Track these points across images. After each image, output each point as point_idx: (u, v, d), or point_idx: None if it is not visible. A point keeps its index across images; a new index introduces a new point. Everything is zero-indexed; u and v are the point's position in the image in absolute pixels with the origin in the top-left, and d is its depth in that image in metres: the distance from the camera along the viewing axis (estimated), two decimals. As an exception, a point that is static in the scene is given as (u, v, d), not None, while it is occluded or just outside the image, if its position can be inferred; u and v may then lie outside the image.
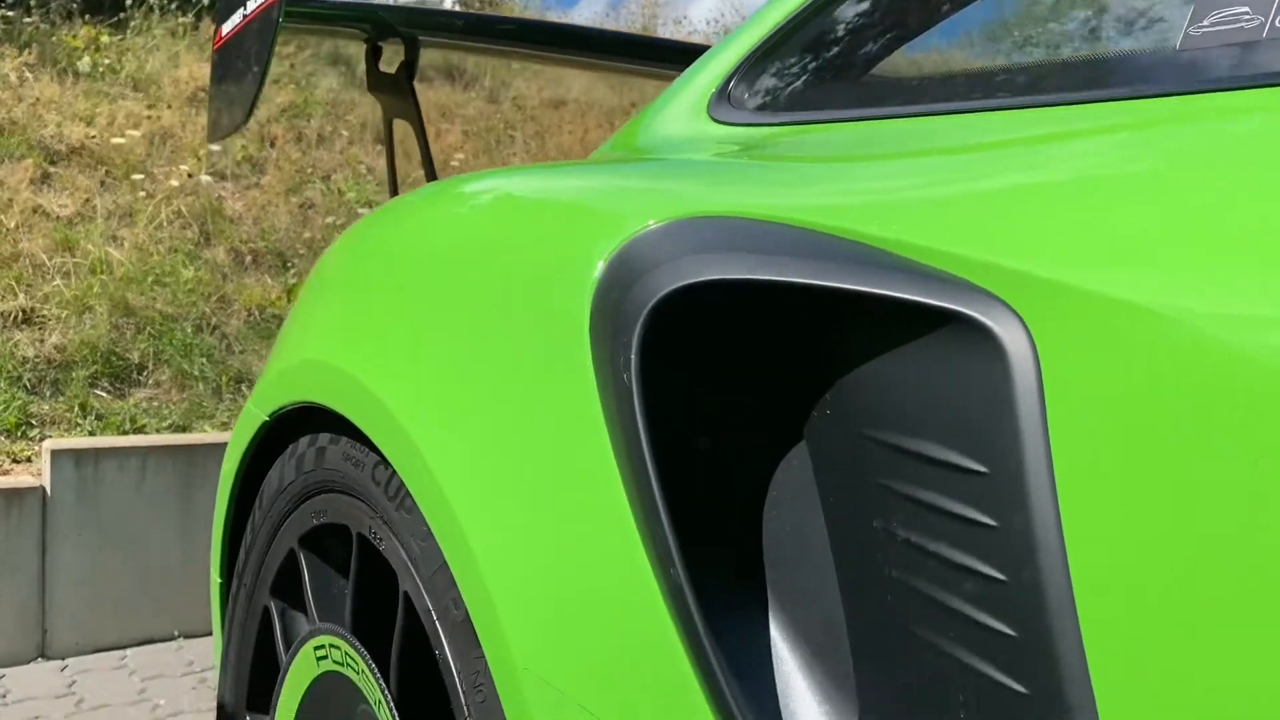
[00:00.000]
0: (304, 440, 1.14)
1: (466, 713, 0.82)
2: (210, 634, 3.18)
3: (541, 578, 0.72)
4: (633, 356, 0.67)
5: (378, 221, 1.16)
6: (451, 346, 0.87)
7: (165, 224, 4.55)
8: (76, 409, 3.54)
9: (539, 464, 0.74)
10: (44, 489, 2.89)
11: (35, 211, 4.38)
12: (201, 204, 4.70)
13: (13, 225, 4.24)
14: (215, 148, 4.95)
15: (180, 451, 3.10)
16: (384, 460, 0.97)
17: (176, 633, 3.10)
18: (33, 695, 2.68)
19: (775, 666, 0.67)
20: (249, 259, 4.65)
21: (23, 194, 4.38)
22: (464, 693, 0.82)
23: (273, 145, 5.43)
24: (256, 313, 4.30)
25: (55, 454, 2.91)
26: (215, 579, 1.41)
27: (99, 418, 3.54)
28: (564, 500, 0.71)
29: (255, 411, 1.20)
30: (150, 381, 3.81)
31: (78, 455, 2.94)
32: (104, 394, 3.66)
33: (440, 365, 0.88)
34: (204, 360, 3.93)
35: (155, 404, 3.70)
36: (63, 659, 2.93)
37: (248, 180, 5.13)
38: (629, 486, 0.66)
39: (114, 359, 3.78)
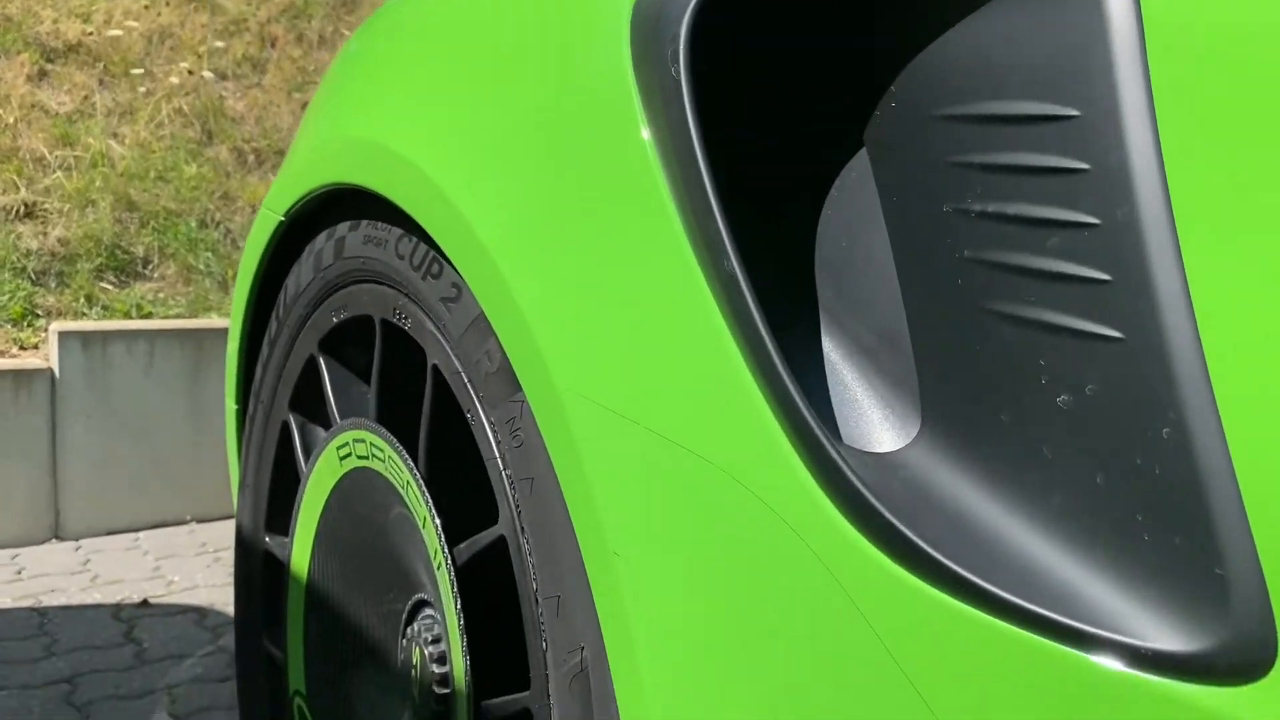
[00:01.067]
0: (320, 237, 1.10)
1: (503, 464, 0.79)
2: (223, 518, 3.18)
3: (585, 291, 0.68)
4: (680, 47, 0.63)
5: None
6: (479, 90, 0.82)
7: (166, 122, 4.46)
8: (82, 300, 3.50)
9: (582, 185, 0.70)
10: (52, 371, 2.86)
11: (33, 108, 4.29)
12: (202, 103, 4.61)
13: (11, 121, 4.16)
14: (219, 44, 4.84)
15: (188, 336, 3.07)
16: (407, 233, 0.93)
17: (189, 516, 3.09)
18: (47, 572, 2.68)
19: (830, 375, 0.63)
20: (251, 158, 4.57)
21: (20, 89, 4.29)
22: (499, 444, 0.79)
23: (273, 46, 5.31)
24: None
25: (62, 336, 2.87)
26: (231, 406, 1.38)
27: (105, 309, 3.50)
28: (607, 210, 0.67)
29: (270, 214, 1.16)
30: (155, 275, 3.77)
31: (85, 338, 2.90)
32: (109, 286, 3.61)
33: (469, 113, 0.83)
34: (209, 255, 3.88)
35: (161, 296, 3.66)
36: (76, 540, 2.92)
37: (249, 80, 5.02)
38: (677, 185, 0.62)
39: (118, 252, 3.73)
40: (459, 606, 0.86)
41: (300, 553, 1.17)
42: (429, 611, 1.05)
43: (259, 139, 4.66)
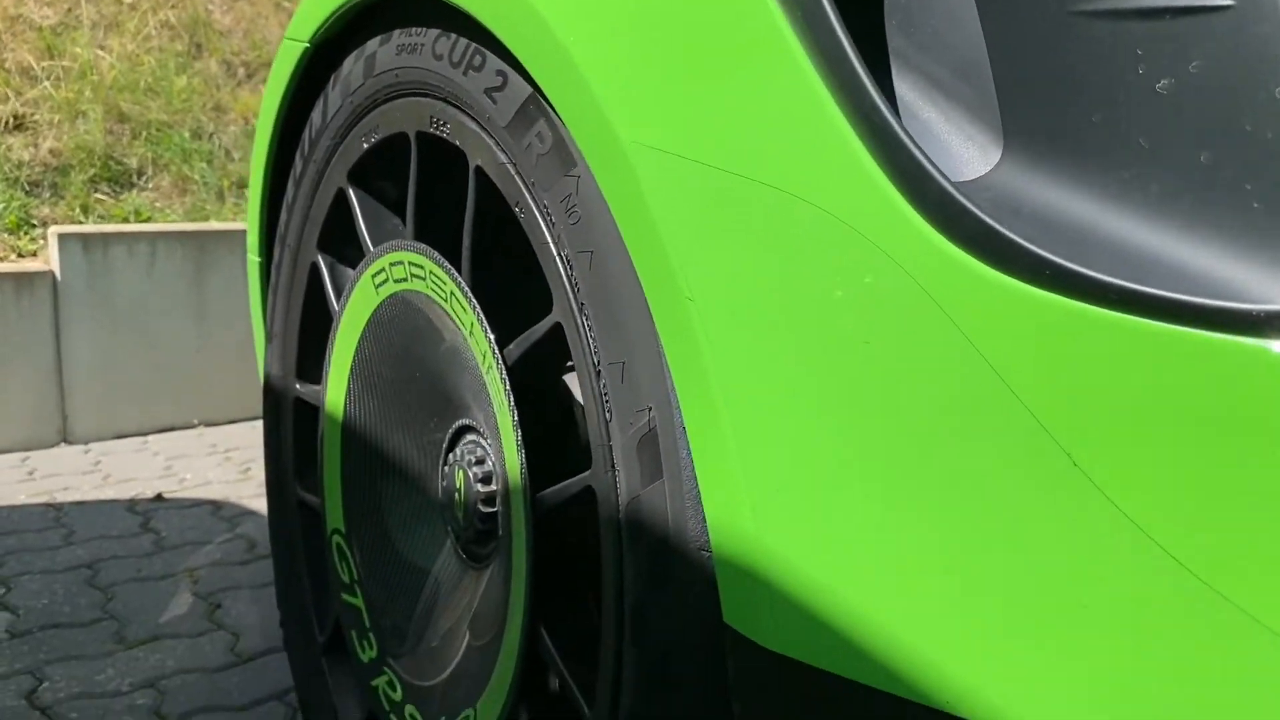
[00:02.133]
0: (348, 60, 1.07)
1: (558, 247, 0.77)
2: (230, 422, 3.17)
3: (648, 37, 0.66)
4: None
5: None
6: None
7: (153, 34, 4.36)
8: (78, 210, 3.45)
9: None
10: (53, 274, 2.83)
11: (17, 20, 4.19)
12: (189, 15, 4.51)
13: (-5, 33, 4.07)
14: (199, -45, 4.73)
15: (190, 239, 3.03)
16: (444, 32, 0.90)
17: (196, 420, 3.09)
18: (59, 472, 2.67)
19: (905, 113, 0.62)
20: (241, 71, 4.49)
21: (2, 2, 4.19)
22: (552, 226, 0.77)
23: (258, -42, 5.19)
24: (253, 121, 4.17)
25: (62, 239, 2.84)
26: (254, 260, 1.36)
27: (101, 219, 3.46)
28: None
29: (293, 44, 1.13)
30: (150, 186, 3.71)
31: (85, 240, 2.86)
32: (104, 197, 3.56)
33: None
34: (204, 165, 3.82)
35: (158, 206, 3.61)
36: (85, 443, 2.91)
37: (235, -7, 4.91)
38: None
39: (111, 163, 3.67)
40: (512, 402, 0.85)
41: (336, 393, 1.16)
42: (471, 437, 1.04)
43: (248, 51, 4.57)
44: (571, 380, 0.96)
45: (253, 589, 1.96)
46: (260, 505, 2.42)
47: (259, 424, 3.12)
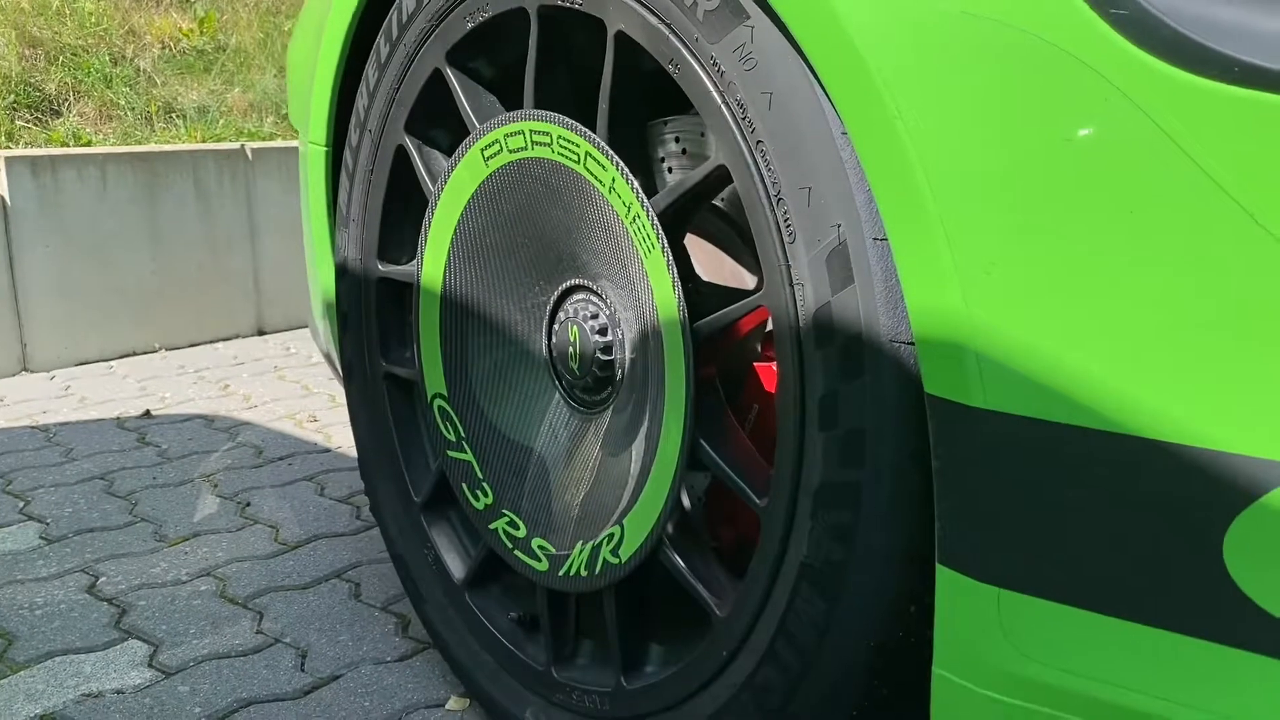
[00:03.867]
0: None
1: (725, 96, 0.86)
2: (192, 345, 3.14)
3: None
4: None
5: None
6: None
7: (53, -44, 4.16)
8: (2, 137, 3.32)
9: None
10: (3, 198, 2.74)
11: (-97, -58, 3.95)
12: (88, -64, 4.30)
13: (-116, -45, 3.82)
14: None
15: (140, 160, 2.96)
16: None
17: (158, 345, 3.05)
18: (31, 398, 2.63)
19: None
20: (149, -6, 4.32)
21: (-112, -78, 3.93)
22: (720, 75, 0.86)
23: (150, -123, 4.95)
24: (171, 45, 4.03)
25: (10, 162, 2.75)
26: (319, 149, 1.40)
27: (29, 146, 3.34)
28: None
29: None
30: (74, 113, 3.58)
31: (34, 163, 2.78)
32: (28, 125, 3.43)
33: None
34: (128, 90, 3.70)
35: (87, 133, 3.49)
36: (47, 371, 2.86)
37: (131, -87, 4.69)
38: None
39: (30, 90, 3.53)
40: (666, 244, 0.95)
41: (433, 267, 1.23)
42: (580, 295, 1.13)
43: (154, -26, 4.40)
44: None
45: (275, 487, 2.01)
46: (253, 417, 2.44)
47: (222, 346, 3.10)
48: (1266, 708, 0.67)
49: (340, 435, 2.28)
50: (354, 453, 2.17)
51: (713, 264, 1.13)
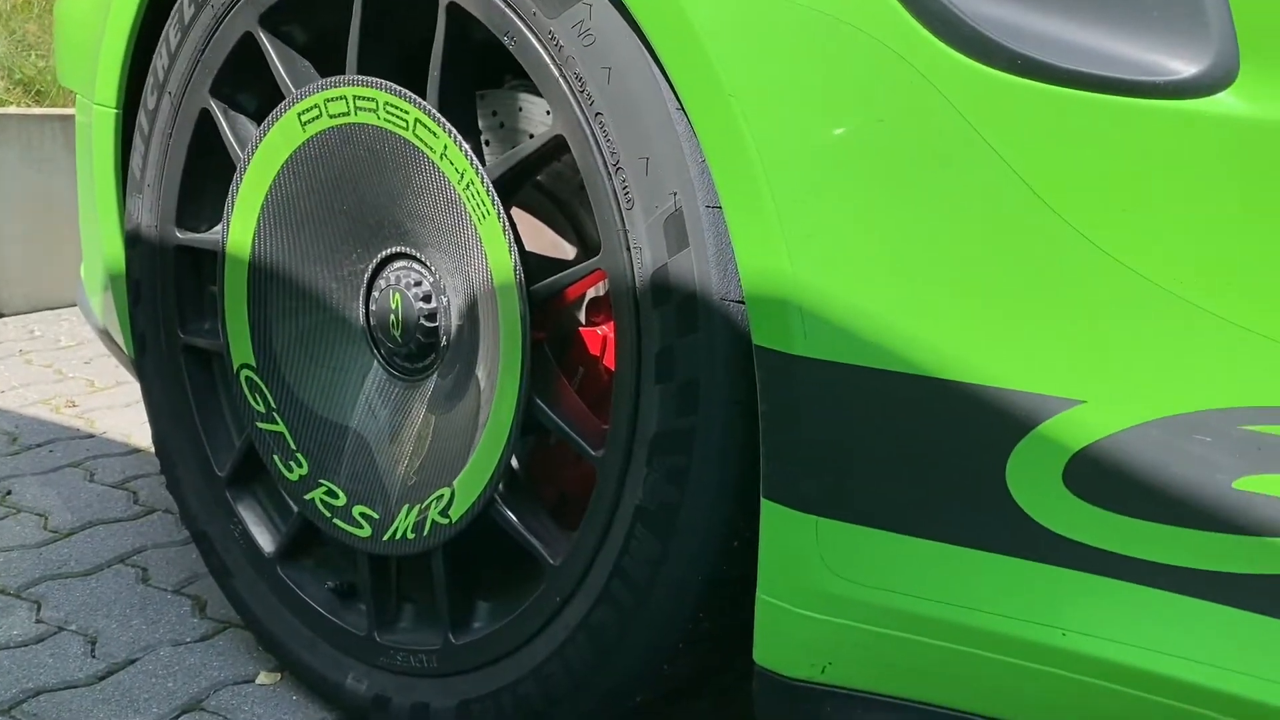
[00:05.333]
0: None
1: (562, 70, 0.90)
2: (14, 314, 2.83)
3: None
4: None
5: None
6: None
7: None
8: None
9: None
10: None
11: None
12: None
13: None
14: None
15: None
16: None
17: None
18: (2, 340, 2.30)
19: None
20: None
21: None
22: (557, 50, 0.90)
23: None
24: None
25: None
26: (107, 112, 1.32)
27: None
28: None
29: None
30: None
31: None
32: None
33: None
34: None
35: None
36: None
37: None
38: None
39: None
40: (502, 210, 0.98)
41: (240, 235, 1.19)
42: (401, 263, 1.14)
43: None
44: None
45: (37, 475, 1.87)
46: (4, 403, 2.24)
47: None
48: (1042, 605, 0.79)
49: (105, 420, 2.14)
50: (123, 438, 2.05)
51: (531, 235, 1.17)
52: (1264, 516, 0.72)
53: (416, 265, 1.12)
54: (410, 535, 1.11)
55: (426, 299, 1.11)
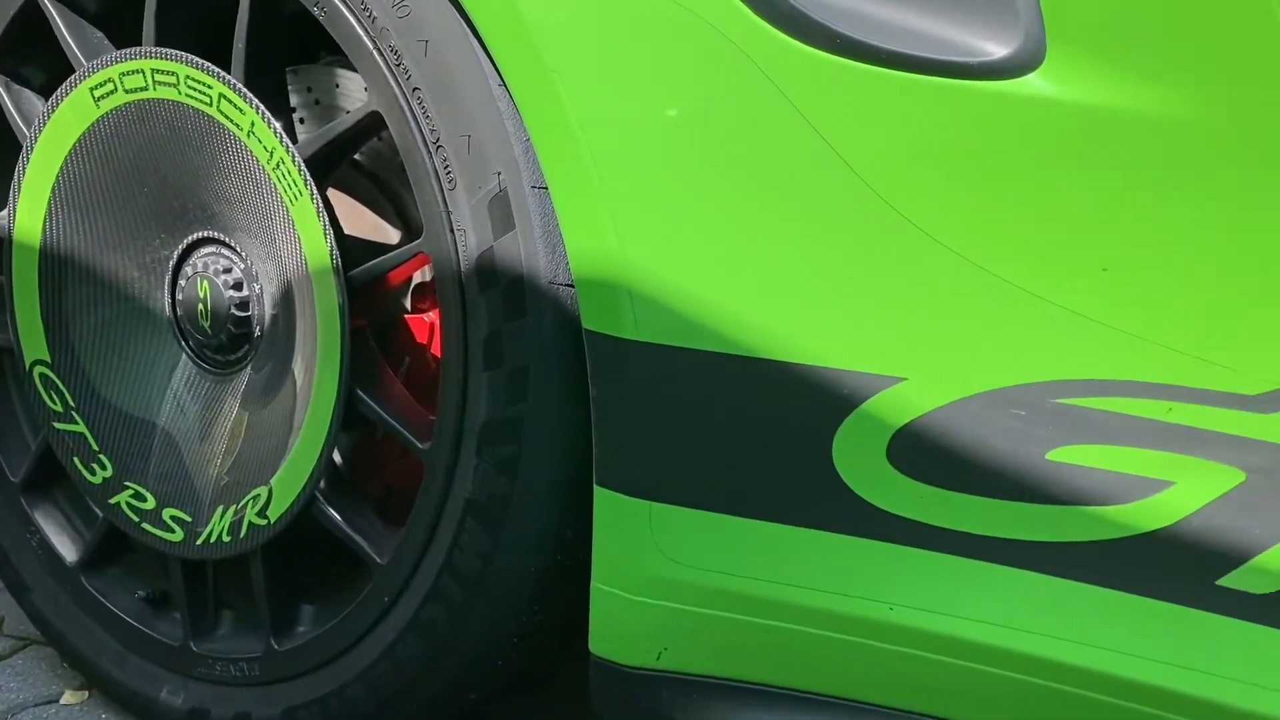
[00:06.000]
0: None
1: (378, 42, 0.86)
2: None
3: None
4: None
5: None
6: None
7: None
8: None
9: None
10: None
11: None
12: None
13: None
14: None
15: None
16: None
17: None
18: None
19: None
20: None
21: None
22: (371, 22, 0.85)
23: None
24: None
25: None
26: None
27: None
28: None
29: None
30: None
31: None
32: None
33: None
34: None
35: None
36: None
37: None
38: None
39: None
40: (315, 190, 0.92)
41: (29, 219, 1.10)
42: (210, 249, 1.07)
43: None
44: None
45: None
46: None
47: None
48: (870, 581, 0.79)
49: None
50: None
51: (352, 218, 1.12)
52: (1076, 486, 0.75)
53: (226, 251, 1.05)
54: (226, 538, 1.04)
55: (237, 287, 1.04)
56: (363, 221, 1.13)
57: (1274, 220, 0.67)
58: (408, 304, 1.08)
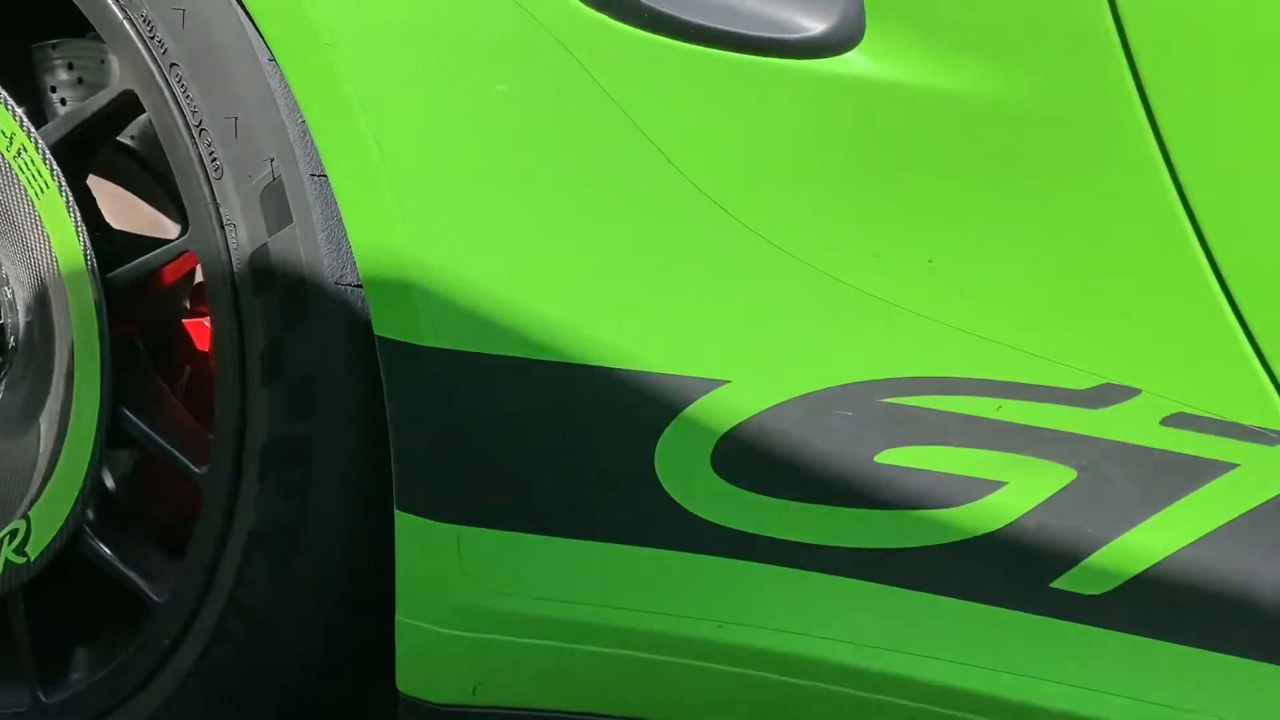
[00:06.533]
0: None
1: (126, 9, 0.75)
2: None
3: None
4: None
5: None
6: None
7: None
8: None
9: None
10: None
11: None
12: None
13: None
14: None
15: None
16: None
17: None
18: None
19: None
20: None
21: None
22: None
23: None
24: None
25: None
26: None
27: None
28: None
29: None
30: None
31: None
32: None
33: None
34: None
35: None
36: None
37: None
38: None
39: None
40: (64, 183, 0.80)
41: None
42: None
43: None
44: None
45: None
46: None
47: None
48: (697, 598, 0.74)
49: None
50: None
51: (123, 211, 1.00)
52: (906, 489, 0.70)
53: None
54: (-21, 580, 0.91)
55: (-14, 297, 0.91)
56: (137, 215, 1.01)
57: (1102, 208, 0.64)
58: (189, 305, 0.97)
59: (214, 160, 0.74)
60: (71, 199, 0.81)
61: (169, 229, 1.00)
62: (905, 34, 0.66)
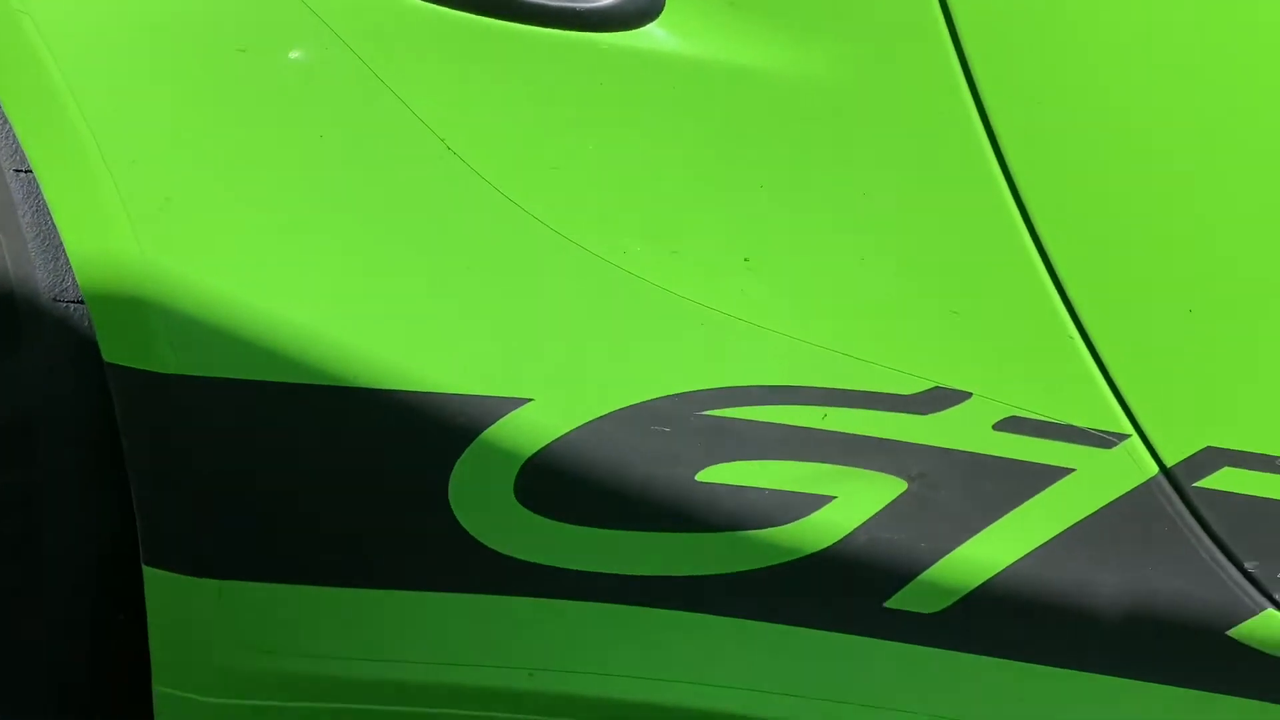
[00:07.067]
0: None
1: None
2: None
3: None
4: None
5: None
6: None
7: None
8: None
9: None
10: None
11: None
12: None
13: None
14: None
15: None
16: None
17: None
18: None
19: None
20: None
21: None
22: None
23: None
24: None
25: None
26: None
27: None
28: None
29: None
30: None
31: None
32: None
33: None
34: None
35: None
36: None
37: None
38: None
39: None
40: None
41: None
42: None
43: None
44: None
45: None
46: None
47: None
48: (501, 645, 0.65)
49: None
50: None
51: None
52: (728, 509, 0.64)
53: None
54: None
55: None
56: None
57: (928, 199, 0.59)
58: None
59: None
60: None
61: None
62: (710, 7, 0.59)
